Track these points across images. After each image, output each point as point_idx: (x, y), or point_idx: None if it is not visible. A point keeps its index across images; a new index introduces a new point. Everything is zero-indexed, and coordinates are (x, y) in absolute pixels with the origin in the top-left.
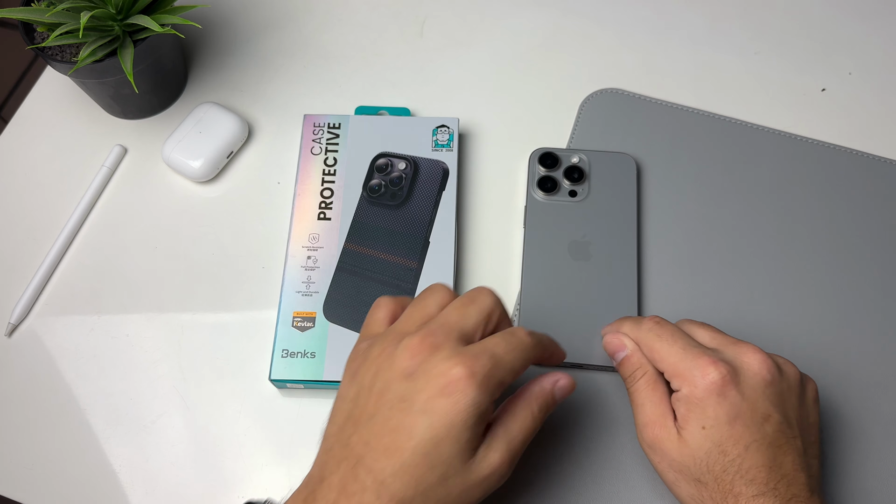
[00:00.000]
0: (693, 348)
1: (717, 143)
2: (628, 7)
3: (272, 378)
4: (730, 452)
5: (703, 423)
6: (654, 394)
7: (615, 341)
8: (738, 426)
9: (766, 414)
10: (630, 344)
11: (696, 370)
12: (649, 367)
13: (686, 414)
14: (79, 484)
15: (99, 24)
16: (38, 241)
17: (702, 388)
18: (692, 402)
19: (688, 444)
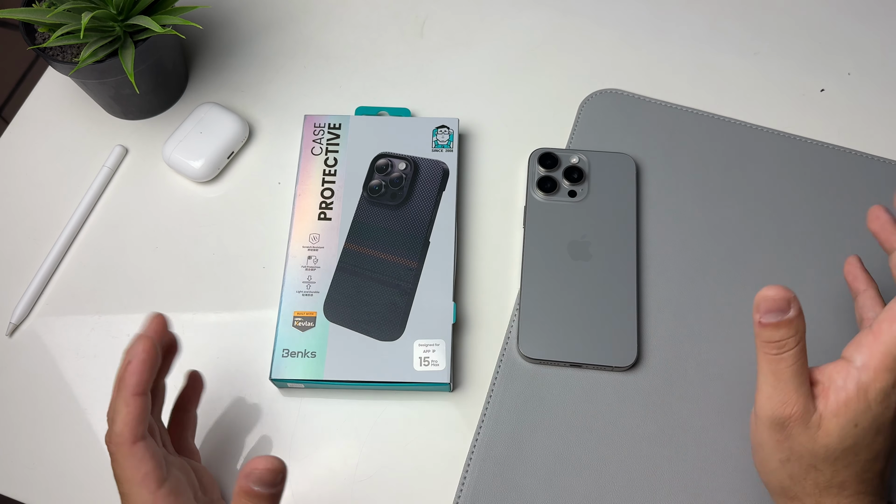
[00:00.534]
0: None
1: (717, 144)
2: (628, 7)
3: (273, 377)
4: (861, 455)
5: (858, 422)
6: (802, 369)
7: (782, 295)
8: (881, 437)
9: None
10: (796, 304)
11: (890, 374)
12: (803, 336)
13: (847, 402)
14: (79, 484)
15: (100, 24)
16: (39, 241)
17: (877, 391)
18: (861, 395)
19: (830, 434)
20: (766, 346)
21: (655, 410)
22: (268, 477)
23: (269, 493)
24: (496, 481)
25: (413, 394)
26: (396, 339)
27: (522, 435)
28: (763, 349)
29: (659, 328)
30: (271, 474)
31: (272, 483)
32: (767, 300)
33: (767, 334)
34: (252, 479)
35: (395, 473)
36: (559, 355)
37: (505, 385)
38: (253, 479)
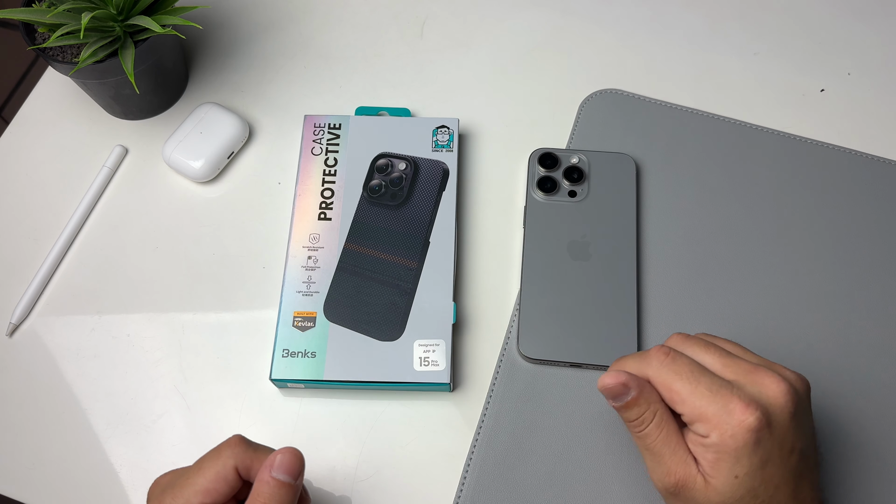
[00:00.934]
0: (720, 388)
1: (717, 144)
2: (628, 7)
3: (273, 378)
4: (761, 495)
5: (737, 473)
6: (669, 438)
7: (616, 381)
8: (770, 468)
9: (792, 447)
10: (634, 384)
11: (729, 417)
12: (658, 405)
13: (716, 462)
14: (80, 484)
15: (100, 24)
16: (40, 241)
17: (737, 438)
18: (724, 451)
19: (719, 492)
20: (629, 426)
21: None
22: (290, 463)
23: (290, 484)
24: (496, 481)
25: (413, 394)
26: (396, 339)
27: (522, 435)
28: (630, 429)
29: (659, 328)
30: (295, 459)
31: (294, 472)
32: (606, 389)
33: (624, 416)
34: (275, 467)
35: (395, 473)
36: (559, 355)
37: (505, 385)
38: (276, 467)
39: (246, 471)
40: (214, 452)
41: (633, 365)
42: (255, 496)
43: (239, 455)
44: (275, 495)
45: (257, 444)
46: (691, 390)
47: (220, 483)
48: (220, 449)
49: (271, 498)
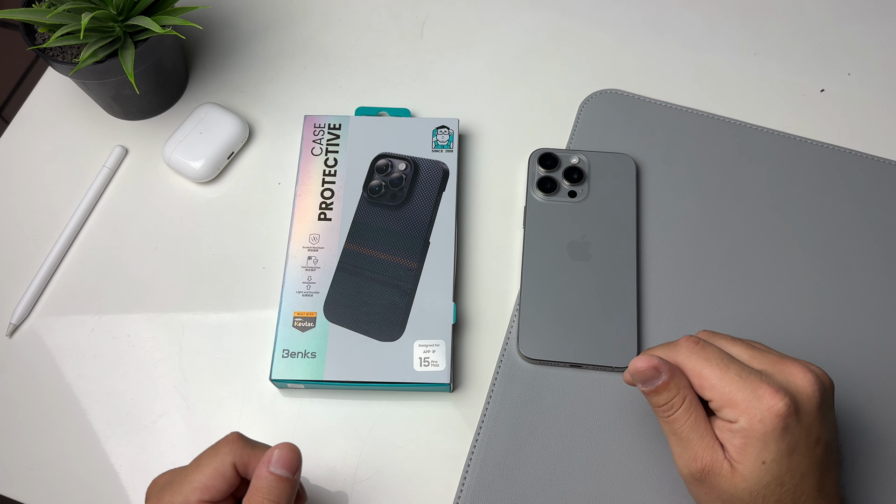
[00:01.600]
0: (749, 375)
1: (717, 144)
2: (628, 8)
3: (273, 378)
4: (787, 483)
5: (764, 458)
6: (698, 424)
7: (648, 365)
8: (797, 456)
9: (818, 438)
10: (665, 368)
11: (758, 402)
12: (688, 391)
13: (743, 448)
14: (80, 484)
15: (100, 25)
16: (39, 241)
17: (765, 423)
18: (752, 436)
19: (745, 478)
20: (657, 410)
21: None
22: (288, 457)
23: (288, 479)
24: (496, 481)
25: (413, 394)
26: (396, 339)
27: (522, 435)
28: (657, 414)
29: (659, 328)
30: (293, 454)
31: (292, 467)
32: (637, 373)
33: (653, 400)
34: (273, 462)
35: (395, 474)
36: (559, 355)
37: (505, 385)
38: (274, 461)
39: (244, 468)
40: (213, 450)
41: (662, 353)
42: (253, 491)
43: (237, 452)
44: (273, 490)
45: (255, 441)
46: (721, 376)
47: (218, 480)
48: (218, 446)
49: (270, 493)
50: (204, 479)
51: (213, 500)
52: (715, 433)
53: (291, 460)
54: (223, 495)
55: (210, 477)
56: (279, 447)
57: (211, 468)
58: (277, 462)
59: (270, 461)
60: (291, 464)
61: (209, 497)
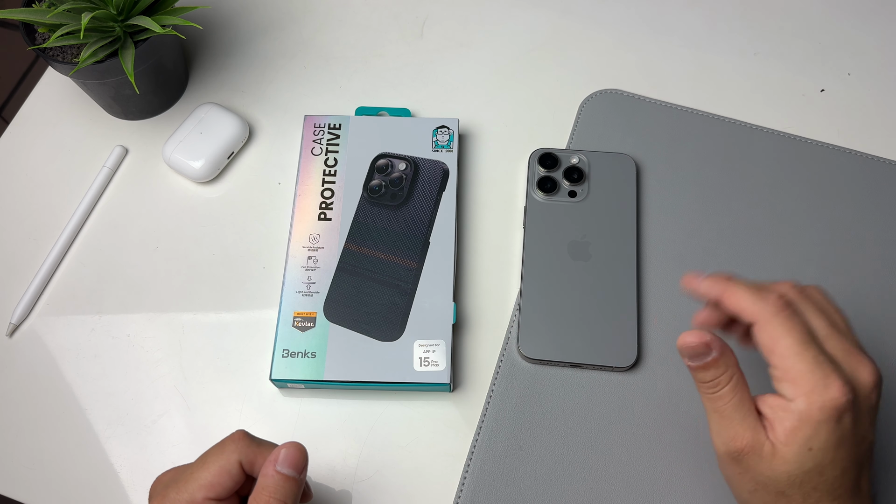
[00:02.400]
0: (824, 362)
1: (717, 144)
2: (628, 7)
3: (273, 378)
4: (826, 474)
5: (812, 445)
6: (742, 403)
7: (699, 341)
8: (842, 451)
9: (864, 437)
10: (717, 345)
11: (824, 390)
12: (736, 370)
13: (794, 430)
14: (80, 484)
15: (100, 25)
16: (40, 241)
17: (824, 411)
18: (807, 420)
19: (786, 461)
20: (702, 386)
21: (655, 411)
22: (295, 457)
23: (294, 478)
24: (496, 481)
25: (413, 394)
26: (396, 339)
27: (522, 435)
28: (701, 389)
29: (659, 328)
30: (299, 454)
31: (299, 466)
32: (687, 347)
33: (699, 376)
34: (279, 461)
35: (395, 474)
36: (559, 355)
37: (505, 385)
38: (280, 461)
39: (249, 465)
40: (218, 447)
41: (747, 297)
42: (259, 490)
43: (242, 450)
44: (279, 489)
45: (261, 439)
46: (798, 352)
47: (223, 477)
48: (223, 444)
49: (276, 491)
50: (209, 476)
51: (219, 497)
52: (759, 409)
53: (298, 459)
54: (228, 493)
55: (216, 474)
56: (286, 446)
57: (217, 466)
58: (284, 461)
59: (277, 460)
60: (298, 463)
61: (215, 495)
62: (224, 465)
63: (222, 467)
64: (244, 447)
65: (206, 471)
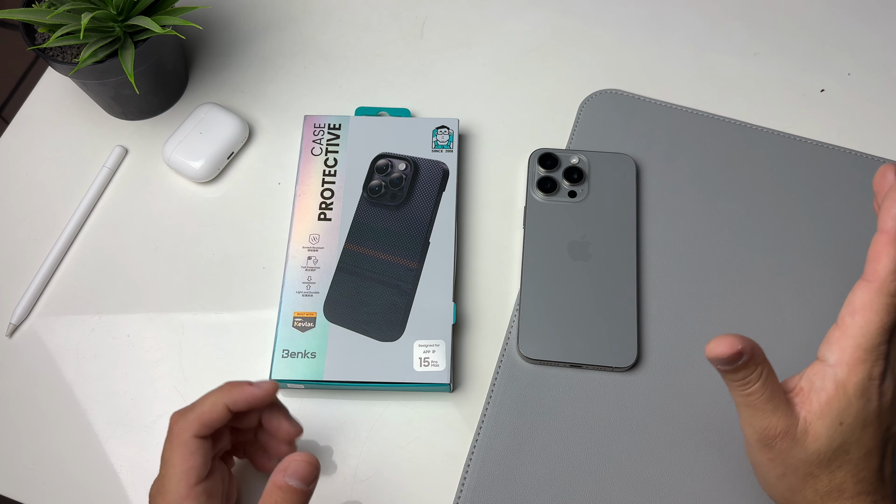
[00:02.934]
0: (882, 353)
1: (717, 144)
2: (628, 7)
3: (273, 378)
4: (852, 453)
5: (843, 420)
6: (773, 395)
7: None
8: (868, 431)
9: (890, 424)
10: (748, 349)
11: (869, 371)
12: (765, 365)
13: (829, 402)
14: (79, 484)
15: (100, 25)
16: (39, 241)
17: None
18: (842, 394)
19: (818, 438)
20: (731, 384)
21: (655, 411)
22: (304, 470)
23: (302, 490)
24: (496, 481)
25: (413, 394)
26: (396, 339)
27: (522, 435)
28: (730, 386)
29: (659, 328)
30: (308, 467)
31: (307, 479)
32: (716, 358)
33: (729, 377)
34: (288, 472)
35: (395, 474)
36: (559, 356)
37: (505, 385)
38: (289, 472)
39: (202, 429)
40: (167, 441)
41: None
42: (266, 499)
43: (185, 427)
44: (286, 501)
45: (195, 402)
46: (874, 332)
47: (190, 459)
48: (168, 435)
49: (282, 502)
50: (178, 469)
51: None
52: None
53: (307, 473)
54: (205, 468)
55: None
56: (296, 458)
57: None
58: (294, 474)
59: (286, 470)
60: (307, 477)
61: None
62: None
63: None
64: (186, 424)
65: (171, 467)
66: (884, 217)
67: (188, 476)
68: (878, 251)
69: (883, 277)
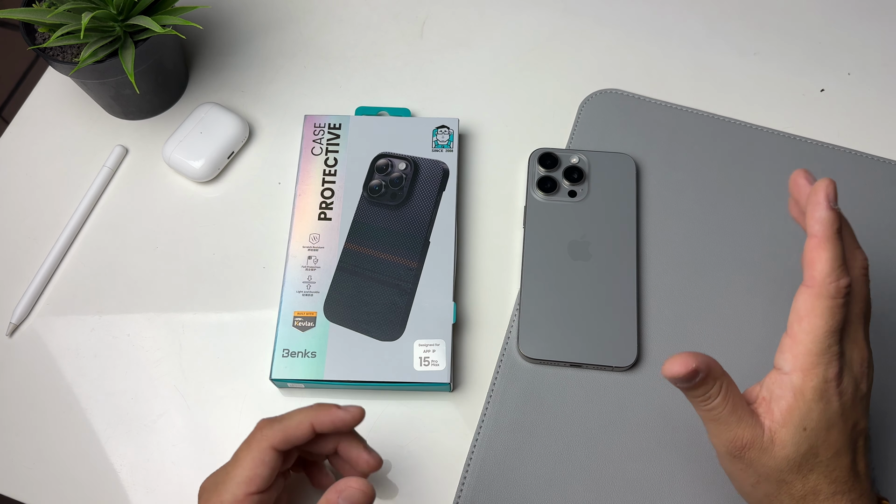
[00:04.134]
0: (834, 354)
1: (717, 144)
2: (628, 7)
3: (273, 378)
4: (821, 455)
5: (806, 425)
6: (735, 408)
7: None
8: (834, 433)
9: (855, 423)
10: (703, 367)
11: (823, 371)
12: (724, 379)
13: (789, 410)
14: (79, 484)
15: (100, 24)
16: (40, 241)
17: (816, 391)
18: (801, 399)
19: (785, 445)
20: (693, 400)
21: (655, 411)
22: (359, 498)
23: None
24: (496, 481)
25: (413, 394)
26: (396, 339)
27: (522, 435)
28: (693, 402)
29: (659, 328)
30: (364, 497)
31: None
32: (672, 378)
33: (689, 394)
34: (343, 496)
35: (395, 473)
36: (559, 355)
37: (505, 385)
38: (344, 496)
39: (283, 443)
40: (245, 443)
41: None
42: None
43: (270, 436)
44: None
45: (283, 415)
46: (821, 336)
47: (260, 468)
48: (250, 437)
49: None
50: (245, 472)
51: (260, 489)
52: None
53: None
54: (269, 482)
55: (251, 468)
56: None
57: (248, 459)
58: (348, 499)
59: (342, 493)
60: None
61: (256, 488)
62: (256, 455)
63: (255, 459)
64: (270, 433)
65: (240, 468)
66: (810, 222)
67: (250, 483)
68: (812, 256)
69: (820, 281)
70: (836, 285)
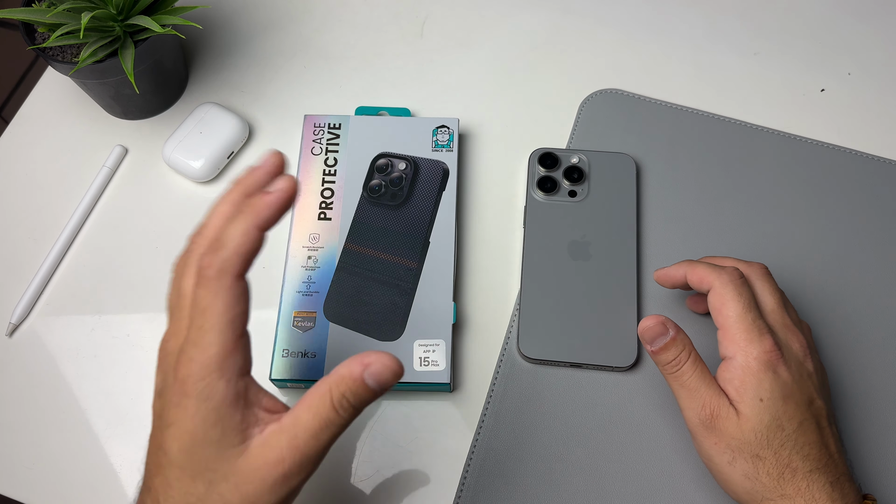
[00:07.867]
0: (761, 326)
1: (717, 144)
2: (628, 7)
3: (272, 378)
4: (786, 427)
5: (761, 395)
6: (704, 374)
7: (656, 321)
8: (791, 404)
9: (811, 398)
10: (672, 325)
11: (759, 344)
12: (691, 347)
13: (741, 385)
14: (79, 484)
15: (100, 24)
16: (39, 241)
17: (760, 361)
18: (748, 372)
19: (748, 418)
20: (666, 367)
21: (655, 410)
22: (386, 376)
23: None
24: (496, 481)
25: (413, 394)
26: (396, 339)
27: (522, 435)
28: (665, 371)
29: None
30: (393, 377)
31: (384, 385)
32: (647, 330)
33: (662, 358)
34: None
35: (395, 474)
36: (559, 355)
37: (505, 385)
38: (371, 372)
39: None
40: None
41: (706, 270)
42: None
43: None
44: (355, 394)
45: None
46: (741, 315)
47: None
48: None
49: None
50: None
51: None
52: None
53: (387, 379)
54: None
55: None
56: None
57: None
58: (373, 376)
59: (368, 365)
60: (386, 382)
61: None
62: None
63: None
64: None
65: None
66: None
67: (234, 326)
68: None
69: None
70: (727, 271)
